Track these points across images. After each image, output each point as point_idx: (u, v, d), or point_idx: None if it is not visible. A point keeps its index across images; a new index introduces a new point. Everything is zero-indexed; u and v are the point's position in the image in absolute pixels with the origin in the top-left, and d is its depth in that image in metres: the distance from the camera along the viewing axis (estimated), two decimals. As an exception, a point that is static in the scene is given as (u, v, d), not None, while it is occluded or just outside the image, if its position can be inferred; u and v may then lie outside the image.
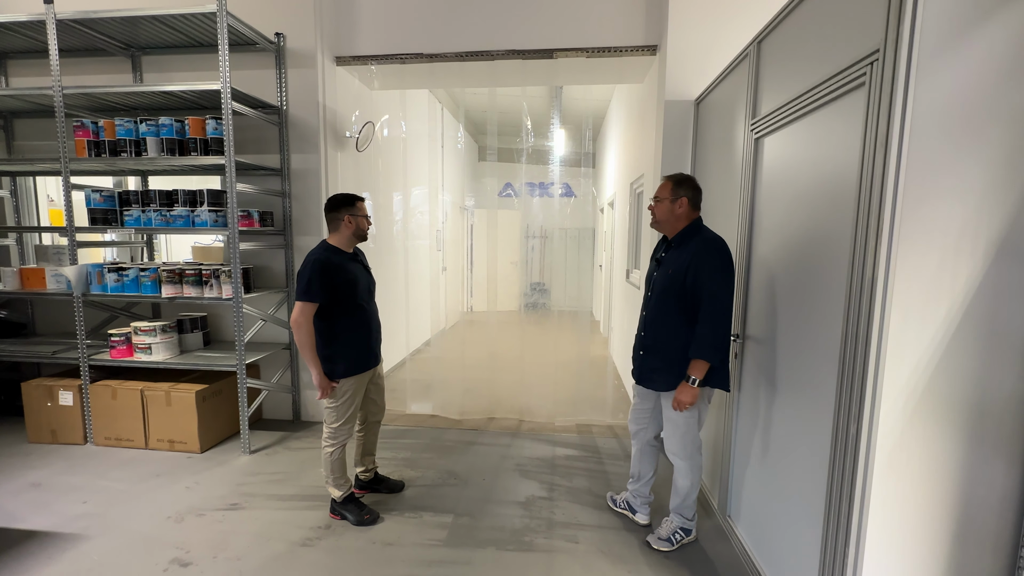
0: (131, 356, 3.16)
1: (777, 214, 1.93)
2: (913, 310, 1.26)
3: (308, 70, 3.39)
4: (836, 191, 1.50)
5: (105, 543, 2.22)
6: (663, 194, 2.12)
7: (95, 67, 3.57)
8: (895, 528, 1.34)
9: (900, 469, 1.31)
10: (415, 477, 2.87)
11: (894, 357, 1.27)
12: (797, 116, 1.75)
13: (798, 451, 1.71)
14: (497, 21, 3.41)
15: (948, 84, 1.20)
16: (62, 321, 3.86)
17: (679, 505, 2.24)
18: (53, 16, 2.92)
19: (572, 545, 2.27)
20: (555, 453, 3.24)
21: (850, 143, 1.41)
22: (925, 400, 1.29)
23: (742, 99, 2.23)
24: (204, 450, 3.13)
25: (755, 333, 2.11)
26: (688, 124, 3.08)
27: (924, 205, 1.24)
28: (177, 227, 3.09)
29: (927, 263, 1.25)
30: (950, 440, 1.30)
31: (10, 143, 3.78)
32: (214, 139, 2.99)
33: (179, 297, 3.10)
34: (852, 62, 1.39)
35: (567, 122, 6.72)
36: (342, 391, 2.33)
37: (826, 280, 1.55)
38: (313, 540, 2.27)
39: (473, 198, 8.61)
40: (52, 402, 3.20)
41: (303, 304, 2.19)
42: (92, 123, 3.11)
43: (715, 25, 2.97)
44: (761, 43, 2.06)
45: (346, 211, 2.30)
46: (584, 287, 8.24)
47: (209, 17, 2.90)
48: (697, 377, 2.00)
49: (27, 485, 2.71)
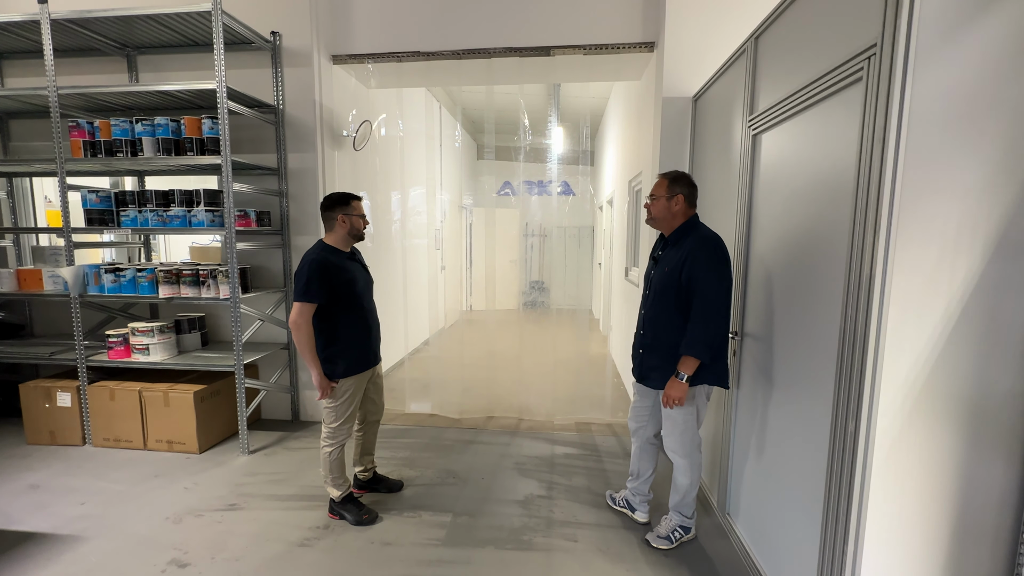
0: (129, 357, 3.15)
1: (775, 210, 1.92)
2: (911, 306, 1.25)
3: (304, 69, 3.38)
4: (834, 187, 1.49)
5: (103, 544, 2.22)
6: (659, 192, 2.11)
7: (91, 67, 3.55)
8: (894, 525, 1.33)
9: (898, 466, 1.31)
10: (414, 476, 2.86)
11: (892, 354, 1.27)
12: (794, 112, 1.73)
13: (797, 448, 1.70)
14: (494, 18, 3.39)
15: (946, 78, 1.19)
16: (60, 322, 3.85)
17: (678, 503, 2.23)
18: (47, 16, 2.90)
19: (571, 544, 2.26)
20: (554, 451, 3.23)
21: (848, 138, 1.40)
22: (923, 397, 1.28)
23: (739, 95, 2.22)
24: (203, 451, 3.13)
25: (753, 330, 2.10)
26: (686, 121, 3.07)
27: (922, 200, 1.23)
28: (174, 227, 3.08)
29: (925, 259, 1.24)
30: (949, 437, 1.30)
31: (6, 144, 3.77)
32: (210, 139, 2.98)
33: (176, 297, 3.10)
34: (849, 57, 1.38)
35: (565, 120, 6.71)
36: (342, 391, 2.32)
37: (824, 277, 1.54)
38: (312, 540, 2.26)
39: (471, 197, 8.60)
40: (50, 403, 3.19)
41: (302, 305, 2.18)
42: (88, 123, 3.09)
43: (712, 21, 2.96)
44: (758, 39, 2.05)
45: (341, 210, 2.29)
46: (583, 285, 8.23)
47: (204, 16, 2.89)
48: (686, 373, 1.99)
49: (25, 487, 2.70)
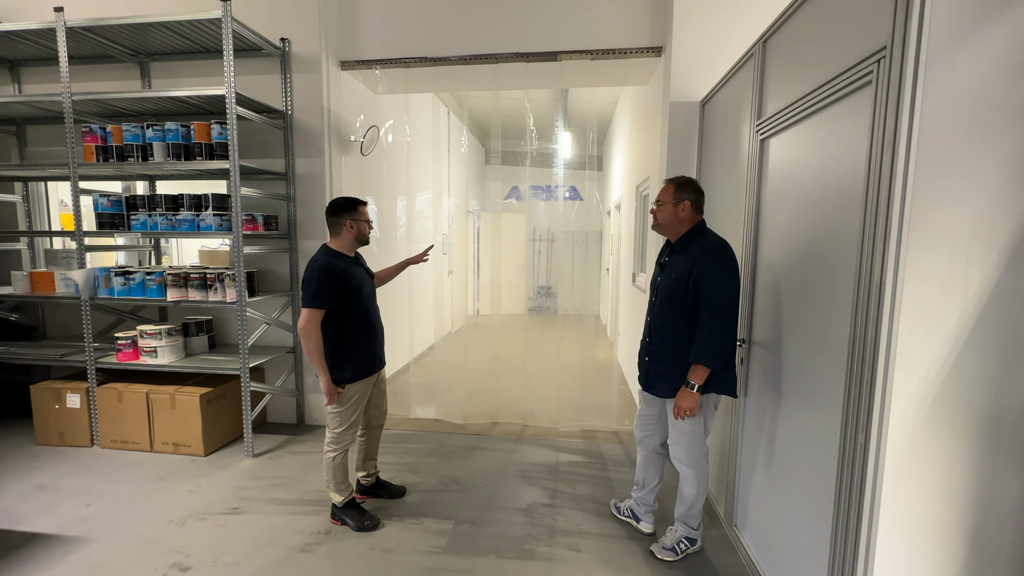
0: (137, 359, 3.18)
1: (783, 216, 1.89)
2: (923, 314, 1.22)
3: (313, 75, 3.41)
4: (843, 192, 1.46)
5: (106, 546, 2.23)
6: (665, 197, 2.09)
7: (106, 73, 3.62)
8: (906, 540, 1.29)
9: (911, 479, 1.27)
10: (417, 482, 2.85)
11: (904, 363, 1.23)
12: (803, 116, 1.71)
13: (806, 459, 1.66)
14: (501, 24, 3.40)
15: (958, 81, 1.16)
16: (72, 324, 3.90)
17: (684, 514, 2.19)
18: (63, 24, 2.96)
19: (574, 554, 2.23)
20: (559, 459, 3.20)
21: (857, 143, 1.37)
22: (937, 408, 1.24)
23: (747, 100, 2.20)
24: (208, 453, 3.14)
25: (761, 338, 2.07)
26: (693, 126, 3.04)
27: (934, 206, 1.20)
28: (182, 231, 3.11)
29: (937, 266, 1.21)
30: (963, 449, 1.25)
31: (22, 149, 3.85)
32: (219, 144, 3.01)
33: (184, 301, 3.12)
34: (859, 60, 1.35)
35: (572, 125, 6.71)
36: (348, 396, 2.32)
37: (833, 283, 1.51)
38: (313, 546, 2.25)
39: (478, 202, 8.61)
40: (60, 405, 3.23)
41: (311, 311, 2.18)
42: (100, 128, 3.15)
43: (720, 25, 2.94)
44: (766, 42, 2.02)
45: (348, 216, 2.30)
46: (590, 290, 8.20)
47: (215, 23, 2.93)
48: (697, 383, 1.95)
49: (33, 487, 2.73)
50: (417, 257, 2.71)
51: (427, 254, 2.73)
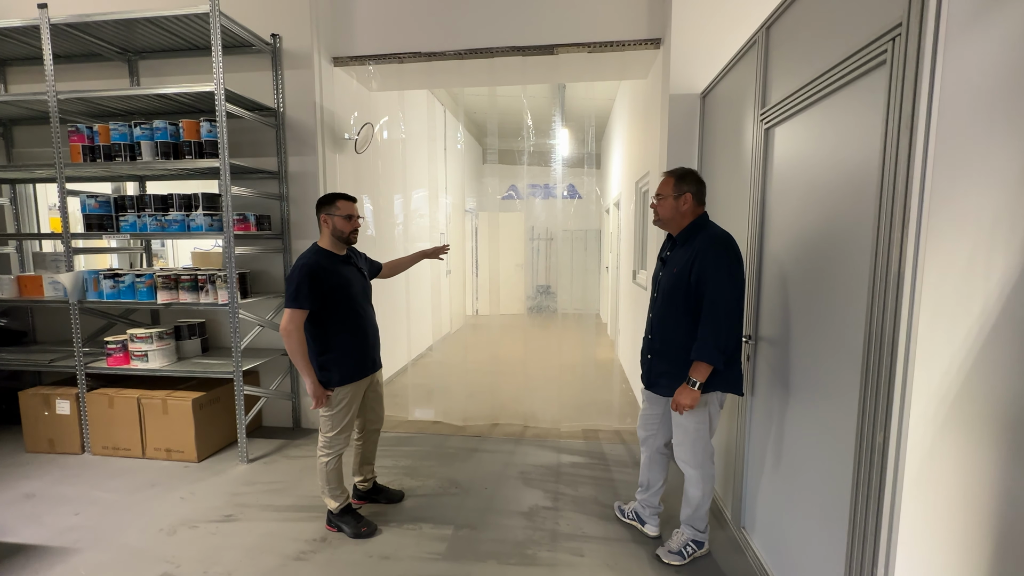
0: (128, 364, 3.11)
1: (790, 207, 1.83)
2: (944, 307, 1.15)
3: (305, 71, 3.34)
4: (855, 180, 1.40)
5: (94, 557, 2.16)
6: (666, 191, 2.02)
7: (93, 72, 3.55)
8: (927, 545, 1.22)
9: (932, 480, 1.20)
10: (415, 486, 2.78)
11: (924, 359, 1.17)
12: (811, 102, 1.64)
13: (818, 460, 1.60)
14: (497, 17, 3.33)
15: (979, 59, 1.10)
16: (62, 329, 3.83)
17: (690, 516, 2.13)
18: (47, 20, 2.89)
19: (577, 559, 2.16)
20: (560, 460, 3.13)
21: (871, 127, 1.31)
22: (959, 406, 1.18)
23: (750, 89, 2.13)
24: (201, 459, 3.07)
25: (768, 334, 2.00)
26: (694, 118, 2.98)
27: (954, 191, 1.13)
28: (172, 232, 3.04)
29: (958, 256, 1.15)
30: (987, 449, 1.19)
31: (9, 150, 3.77)
32: (209, 142, 2.94)
33: (175, 303, 3.05)
34: (872, 39, 1.29)
35: (570, 121, 6.64)
36: (337, 400, 2.25)
37: (846, 277, 1.45)
38: (307, 554, 2.18)
39: (475, 200, 8.54)
40: (49, 411, 3.15)
41: (292, 311, 2.10)
42: (87, 128, 3.07)
43: (720, 15, 2.87)
44: (770, 28, 1.96)
45: (323, 211, 2.23)
46: (590, 289, 8.14)
47: (203, 18, 2.86)
48: (698, 380, 1.89)
49: (21, 496, 2.65)
50: (434, 252, 2.69)
51: (444, 252, 2.71)
